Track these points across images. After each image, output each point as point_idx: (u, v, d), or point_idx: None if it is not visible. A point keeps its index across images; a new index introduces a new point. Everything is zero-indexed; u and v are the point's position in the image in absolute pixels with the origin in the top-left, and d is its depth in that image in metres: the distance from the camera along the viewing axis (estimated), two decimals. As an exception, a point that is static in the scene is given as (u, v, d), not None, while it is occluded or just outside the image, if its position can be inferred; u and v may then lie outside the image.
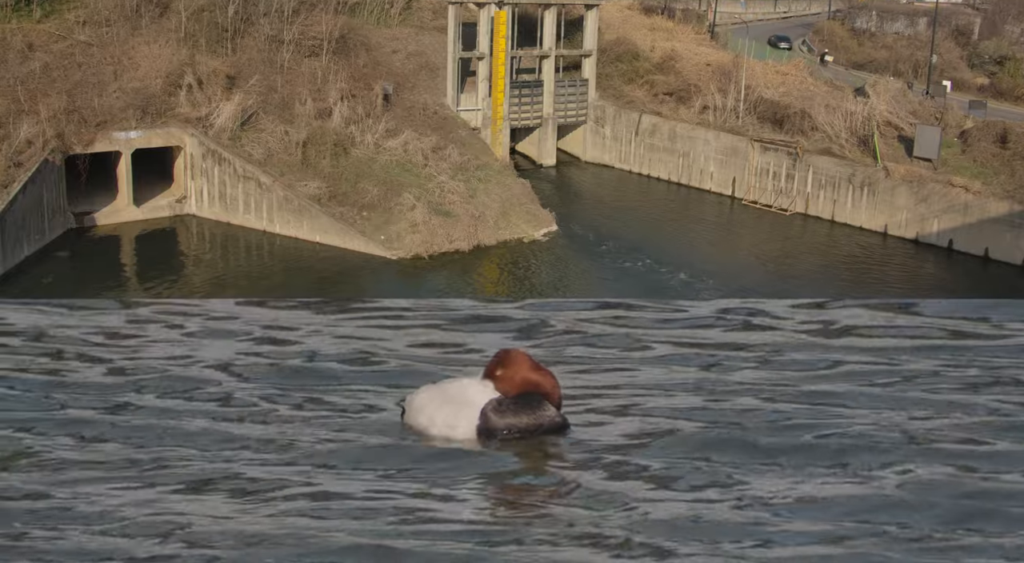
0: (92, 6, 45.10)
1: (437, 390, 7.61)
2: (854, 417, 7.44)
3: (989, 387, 7.87)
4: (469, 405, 7.45)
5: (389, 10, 56.08)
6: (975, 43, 72.93)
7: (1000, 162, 42.82)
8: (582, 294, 34.95)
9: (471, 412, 7.43)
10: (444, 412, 7.47)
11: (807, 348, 8.56)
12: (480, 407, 7.41)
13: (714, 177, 51.23)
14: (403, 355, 8.59)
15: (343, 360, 8.47)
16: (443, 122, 47.92)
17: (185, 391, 8.01)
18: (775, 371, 8.22)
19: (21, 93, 38.82)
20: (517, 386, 7.44)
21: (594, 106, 56.17)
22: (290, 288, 35.00)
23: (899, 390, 7.86)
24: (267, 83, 44.09)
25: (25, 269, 35.47)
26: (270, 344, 8.75)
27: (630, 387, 8.04)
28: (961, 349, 8.48)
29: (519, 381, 7.43)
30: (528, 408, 7.39)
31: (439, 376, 8.05)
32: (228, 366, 8.37)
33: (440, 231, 39.67)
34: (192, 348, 8.67)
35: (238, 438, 7.29)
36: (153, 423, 7.50)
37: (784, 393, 7.83)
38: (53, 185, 38.26)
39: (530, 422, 7.37)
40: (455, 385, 7.61)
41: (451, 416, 7.45)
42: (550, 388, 7.47)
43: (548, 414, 7.43)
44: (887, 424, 7.30)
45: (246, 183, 41.15)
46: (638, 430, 7.38)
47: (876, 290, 36.96)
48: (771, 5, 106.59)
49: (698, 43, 62.64)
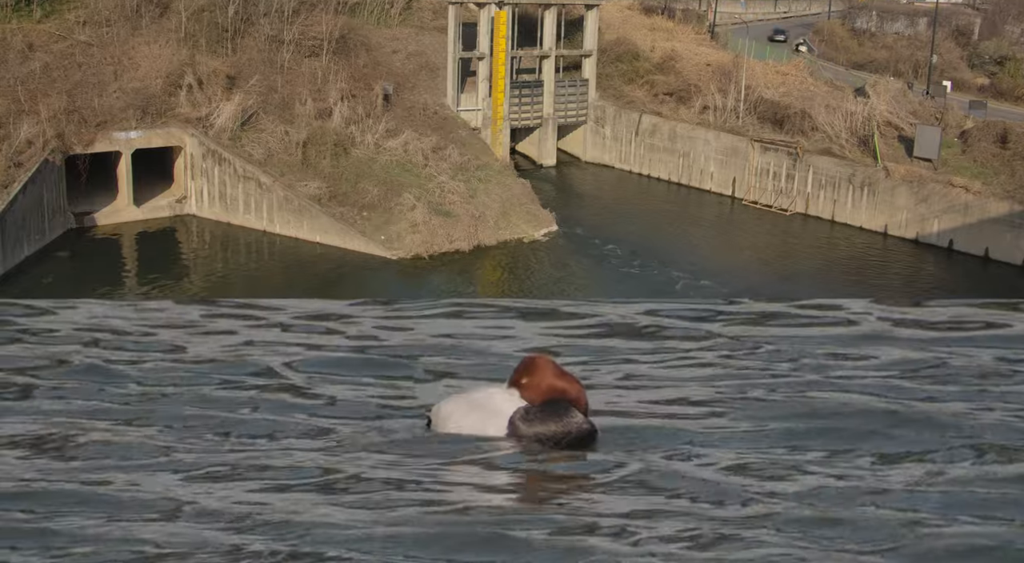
0: (92, 6, 45.10)
1: (464, 399, 7.58)
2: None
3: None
4: (496, 414, 7.42)
5: (389, 10, 56.09)
6: (975, 43, 72.96)
7: (1000, 162, 42.81)
8: (583, 294, 34.95)
9: (499, 421, 7.39)
10: (471, 420, 7.44)
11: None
12: (507, 415, 7.39)
13: (714, 177, 51.23)
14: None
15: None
16: (443, 122, 47.92)
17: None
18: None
19: (21, 93, 38.82)
20: (543, 394, 7.39)
21: (594, 106, 56.17)
22: (290, 288, 34.98)
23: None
24: (267, 83, 44.09)
25: (25, 269, 35.47)
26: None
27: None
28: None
29: (545, 388, 7.38)
30: (556, 416, 7.35)
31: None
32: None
33: (440, 231, 39.67)
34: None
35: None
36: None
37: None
38: (53, 185, 38.26)
39: (558, 430, 7.33)
40: (481, 393, 7.57)
41: (478, 425, 7.42)
42: (576, 395, 7.43)
43: (576, 421, 7.39)
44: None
45: (246, 183, 41.14)
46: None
47: (876, 290, 36.95)
48: (771, 5, 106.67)
49: (698, 43, 62.65)
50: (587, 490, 6.39)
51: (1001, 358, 8.15)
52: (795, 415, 7.27)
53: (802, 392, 7.64)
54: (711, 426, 7.28)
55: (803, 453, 6.79)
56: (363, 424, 7.55)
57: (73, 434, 7.17)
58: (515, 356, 8.36)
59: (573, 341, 8.86)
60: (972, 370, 7.97)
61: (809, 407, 7.34)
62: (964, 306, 9.19)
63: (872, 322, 8.90)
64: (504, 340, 8.90)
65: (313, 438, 7.28)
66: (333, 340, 8.84)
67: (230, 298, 9.76)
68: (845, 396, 7.49)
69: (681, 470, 6.57)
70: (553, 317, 9.28)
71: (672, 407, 7.68)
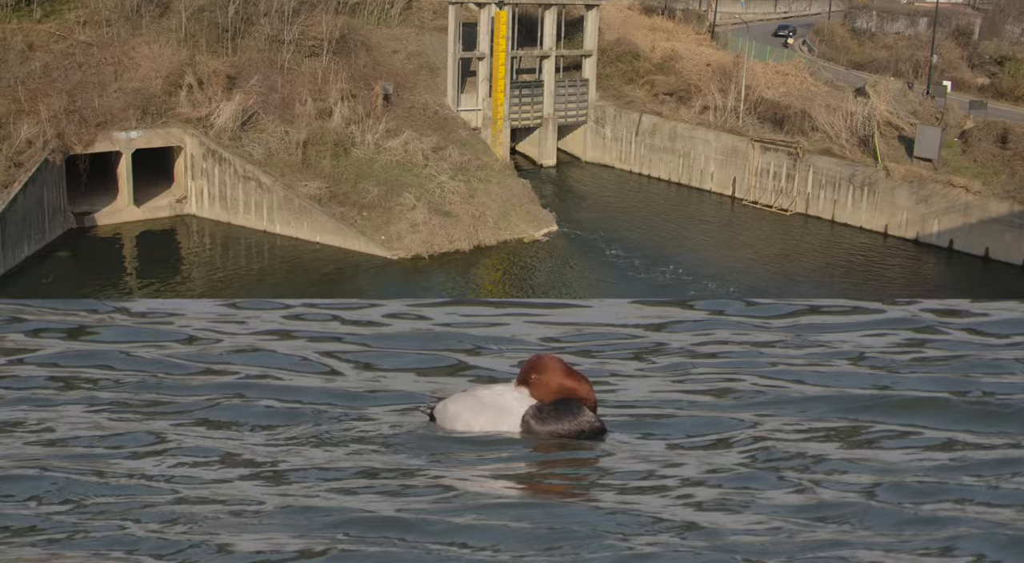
0: (92, 6, 45.07)
1: (471, 397, 7.57)
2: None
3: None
4: (507, 412, 7.42)
5: (389, 10, 56.04)
6: (975, 43, 72.92)
7: (1000, 162, 42.79)
8: (583, 295, 34.96)
9: (511, 419, 7.39)
10: (482, 419, 7.43)
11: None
12: (519, 414, 7.39)
13: (714, 177, 51.23)
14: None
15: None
16: (443, 122, 47.90)
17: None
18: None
19: (21, 93, 38.82)
20: (553, 392, 7.41)
21: (594, 106, 56.17)
22: (291, 288, 34.98)
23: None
24: (267, 83, 44.07)
25: (26, 269, 35.47)
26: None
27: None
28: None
29: (555, 387, 7.40)
30: (569, 414, 7.38)
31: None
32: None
33: (440, 231, 39.66)
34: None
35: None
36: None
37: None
38: (53, 185, 38.26)
39: (572, 428, 7.36)
40: (489, 392, 7.57)
41: (490, 423, 7.42)
42: (586, 393, 7.45)
43: (588, 419, 7.42)
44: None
45: (246, 183, 41.14)
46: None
47: (877, 290, 36.95)
48: (771, 5, 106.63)
49: (698, 43, 62.63)
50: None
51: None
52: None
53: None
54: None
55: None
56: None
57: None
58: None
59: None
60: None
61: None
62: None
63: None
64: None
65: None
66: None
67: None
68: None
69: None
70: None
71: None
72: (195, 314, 9.76)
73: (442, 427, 7.63)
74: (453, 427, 7.55)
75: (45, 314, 9.62)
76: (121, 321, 9.58)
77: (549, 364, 7.43)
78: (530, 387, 7.47)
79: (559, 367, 7.44)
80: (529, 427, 7.39)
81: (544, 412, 7.40)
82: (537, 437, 7.35)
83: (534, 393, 7.47)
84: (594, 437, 7.39)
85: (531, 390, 7.48)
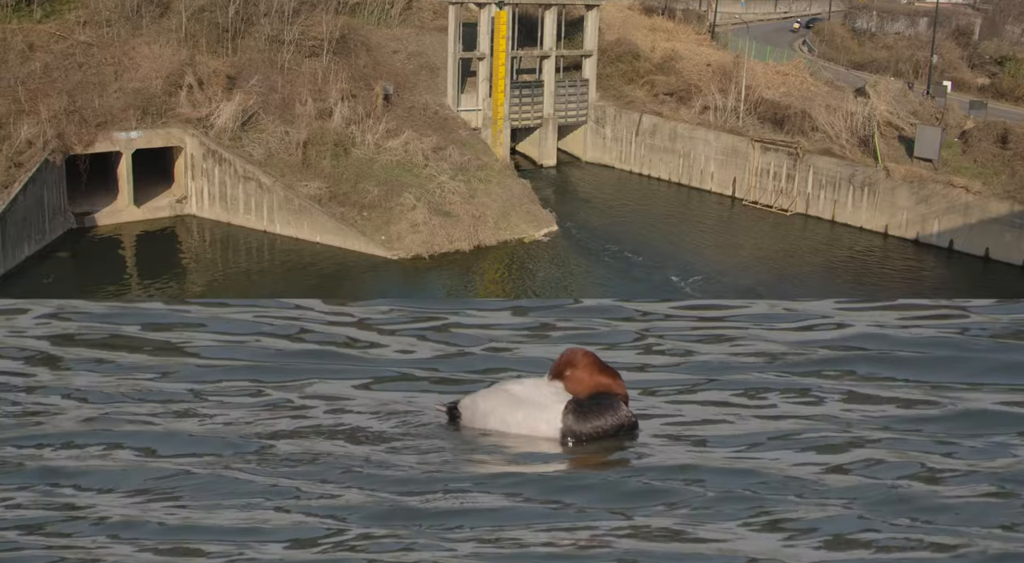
0: (92, 6, 45.06)
1: (503, 393, 7.46)
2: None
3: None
4: (545, 407, 7.37)
5: (389, 10, 56.03)
6: (976, 43, 72.90)
7: (1000, 162, 42.78)
8: (584, 295, 34.93)
9: (550, 414, 7.34)
10: (519, 415, 7.36)
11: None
12: (557, 409, 7.36)
13: (715, 177, 51.22)
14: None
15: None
16: (443, 122, 47.89)
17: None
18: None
19: (22, 93, 38.81)
20: (589, 387, 7.41)
21: (594, 106, 56.16)
22: (291, 288, 34.97)
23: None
24: (267, 83, 44.06)
25: (26, 269, 35.47)
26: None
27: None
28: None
29: (591, 382, 7.41)
30: (610, 409, 7.39)
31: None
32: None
33: (440, 231, 39.67)
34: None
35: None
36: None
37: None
38: (54, 185, 38.25)
39: (613, 423, 7.37)
40: (522, 387, 7.49)
41: (529, 418, 7.36)
42: (620, 388, 7.46)
43: (625, 414, 7.44)
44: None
45: (247, 183, 41.14)
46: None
47: (877, 290, 36.95)
48: (771, 5, 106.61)
49: (698, 43, 62.61)
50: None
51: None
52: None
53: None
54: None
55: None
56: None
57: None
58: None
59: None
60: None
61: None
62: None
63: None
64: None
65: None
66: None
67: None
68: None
69: None
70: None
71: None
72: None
73: (470, 425, 7.53)
74: (486, 423, 7.45)
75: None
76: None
77: (583, 359, 7.43)
78: (565, 381, 7.46)
79: (594, 362, 7.45)
80: (571, 423, 7.37)
81: (584, 408, 7.41)
82: (577, 433, 7.33)
83: (569, 387, 7.48)
84: (628, 431, 7.41)
85: (566, 384, 7.47)
